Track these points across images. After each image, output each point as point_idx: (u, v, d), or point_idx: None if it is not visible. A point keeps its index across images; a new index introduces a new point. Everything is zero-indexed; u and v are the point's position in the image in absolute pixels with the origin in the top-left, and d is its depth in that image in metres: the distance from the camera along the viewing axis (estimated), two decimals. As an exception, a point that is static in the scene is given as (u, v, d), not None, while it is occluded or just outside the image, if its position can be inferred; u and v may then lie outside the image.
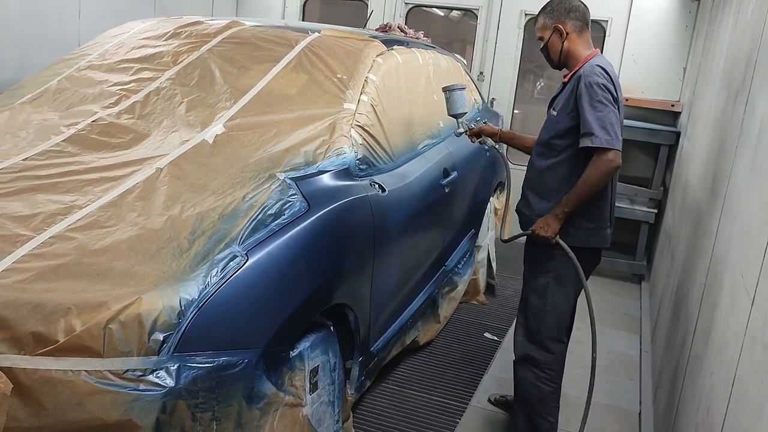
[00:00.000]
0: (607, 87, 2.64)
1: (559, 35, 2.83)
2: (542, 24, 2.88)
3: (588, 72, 2.68)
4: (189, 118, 2.75)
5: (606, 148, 2.58)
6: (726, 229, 2.36)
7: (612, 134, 2.59)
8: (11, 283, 1.75)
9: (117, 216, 2.08)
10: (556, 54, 2.87)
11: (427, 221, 3.42)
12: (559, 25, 2.82)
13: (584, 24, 2.85)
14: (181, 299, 1.76)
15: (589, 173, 2.62)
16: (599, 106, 2.61)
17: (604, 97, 2.62)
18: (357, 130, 2.76)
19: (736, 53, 3.00)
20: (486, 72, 6.24)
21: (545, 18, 2.87)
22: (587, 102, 2.62)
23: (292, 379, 2.10)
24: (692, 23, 5.60)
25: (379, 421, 3.15)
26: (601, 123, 2.59)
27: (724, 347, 2.01)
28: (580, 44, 2.84)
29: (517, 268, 5.25)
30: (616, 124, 2.62)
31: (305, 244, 2.20)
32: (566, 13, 2.82)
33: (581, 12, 2.84)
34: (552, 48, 2.87)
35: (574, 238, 2.74)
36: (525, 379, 2.85)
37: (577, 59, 2.82)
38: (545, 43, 2.88)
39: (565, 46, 2.83)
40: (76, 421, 1.59)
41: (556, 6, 2.85)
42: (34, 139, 2.62)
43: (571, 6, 2.83)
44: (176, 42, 3.27)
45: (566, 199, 2.68)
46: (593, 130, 2.58)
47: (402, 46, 3.60)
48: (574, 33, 2.82)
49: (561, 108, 2.79)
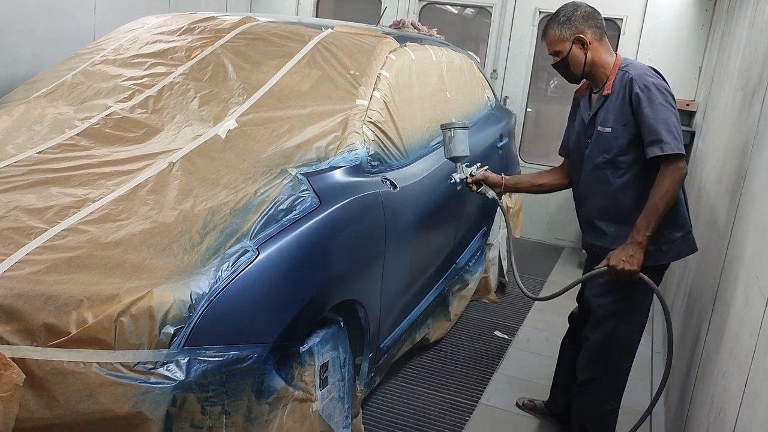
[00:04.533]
0: (665, 87, 2.46)
1: (581, 46, 2.57)
2: (557, 36, 2.60)
3: (639, 74, 2.47)
4: (202, 112, 2.76)
5: (677, 154, 2.36)
6: (740, 229, 2.34)
7: (680, 139, 2.38)
8: (24, 275, 1.77)
9: (129, 209, 2.09)
10: (579, 67, 2.60)
11: (438, 218, 3.41)
12: (579, 35, 2.57)
13: (602, 29, 2.62)
14: (192, 293, 1.77)
15: (665, 186, 2.36)
16: (662, 110, 2.39)
17: (665, 99, 2.43)
18: (369, 126, 2.76)
19: (753, 52, 2.97)
20: (499, 70, 6.21)
21: (560, 29, 2.59)
22: (647, 106, 2.41)
23: (302, 375, 2.10)
24: (708, 22, 5.55)
25: (389, 418, 3.15)
26: (667, 127, 2.37)
27: (737, 348, 1.99)
28: (604, 51, 2.60)
29: (529, 267, 5.25)
30: (680, 128, 2.41)
31: (316, 240, 2.20)
32: (584, 21, 2.58)
33: (598, 16, 2.62)
34: (574, 61, 2.60)
35: (669, 255, 2.54)
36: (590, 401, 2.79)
37: (605, 69, 2.59)
38: (564, 57, 2.61)
39: (589, 57, 2.58)
40: (87, 413, 1.60)
41: (571, 14, 2.59)
42: (48, 132, 2.64)
43: (586, 12, 2.59)
44: (190, 37, 3.28)
45: (644, 221, 2.39)
46: (661, 135, 2.36)
47: (415, 42, 3.59)
48: (596, 41, 2.58)
49: (615, 122, 2.53)
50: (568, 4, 2.66)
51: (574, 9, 2.60)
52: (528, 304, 4.74)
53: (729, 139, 3.14)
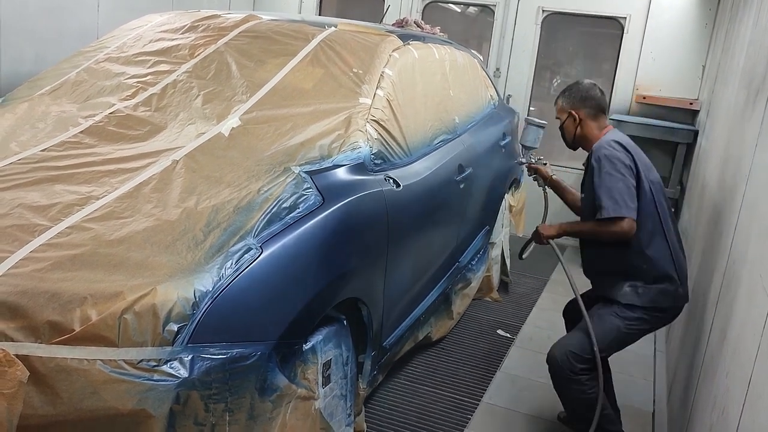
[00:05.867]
0: (615, 156, 2.72)
1: (573, 120, 2.96)
2: (560, 106, 3.02)
3: (597, 147, 2.81)
4: (205, 110, 2.76)
5: (614, 217, 2.65)
6: (744, 228, 2.33)
7: (621, 202, 2.65)
8: (29, 272, 1.77)
9: (133, 207, 2.09)
10: (570, 137, 3.01)
11: (441, 217, 3.41)
12: (573, 112, 2.95)
13: (599, 111, 2.96)
14: (196, 291, 1.77)
15: (596, 227, 2.73)
16: (606, 178, 2.69)
17: (613, 168, 2.70)
18: (372, 124, 2.76)
19: (757, 51, 2.96)
20: (502, 68, 6.21)
21: (563, 101, 3.01)
22: (597, 176, 2.73)
23: (305, 372, 2.11)
24: (712, 20, 5.54)
25: (391, 416, 3.15)
26: (609, 193, 2.67)
27: (740, 348, 1.99)
28: (595, 128, 2.95)
29: (531, 266, 5.24)
30: (627, 192, 2.67)
31: (319, 238, 2.20)
32: (581, 101, 2.95)
33: (597, 100, 2.96)
34: (566, 130, 3.01)
35: (643, 298, 2.76)
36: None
37: (591, 141, 2.93)
38: (561, 124, 3.02)
39: (578, 131, 2.96)
40: (91, 410, 1.61)
41: (574, 92, 2.98)
42: (52, 130, 2.64)
43: (587, 95, 2.95)
44: (193, 35, 3.28)
45: (567, 225, 2.94)
46: (602, 201, 2.68)
47: (418, 41, 3.59)
48: (588, 119, 2.95)
49: (587, 189, 2.89)
50: (580, 82, 3.04)
51: (579, 89, 2.99)
52: (530, 303, 4.74)
53: (732, 138, 3.13)
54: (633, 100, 5.83)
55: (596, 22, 6.07)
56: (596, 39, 6.35)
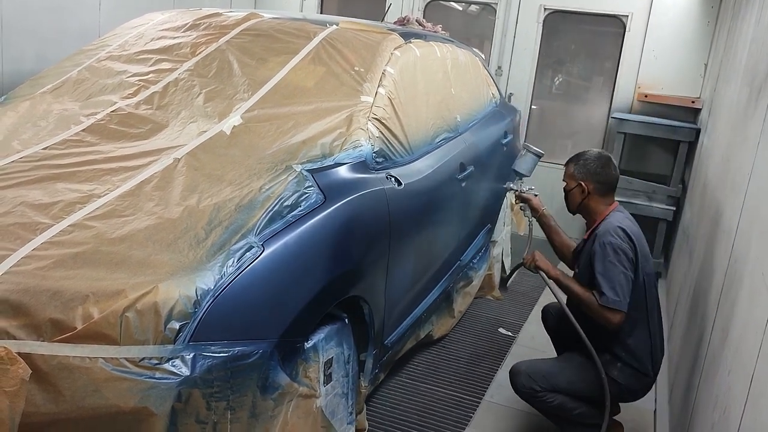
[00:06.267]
0: (621, 248, 2.72)
1: (581, 191, 2.91)
2: (570, 172, 2.95)
3: (603, 232, 2.77)
4: (207, 109, 2.76)
5: (612, 308, 2.67)
6: (746, 226, 2.33)
7: (620, 295, 2.67)
8: (31, 270, 1.77)
9: (135, 205, 2.09)
10: (574, 205, 2.98)
11: (442, 216, 3.41)
12: (583, 183, 2.89)
13: (610, 188, 2.92)
14: (197, 289, 1.77)
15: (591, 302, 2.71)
16: (610, 267, 2.70)
17: (617, 259, 2.70)
18: (374, 122, 2.76)
19: (759, 49, 2.96)
20: (504, 67, 6.20)
21: (575, 169, 2.93)
22: (600, 261, 2.72)
23: (307, 371, 2.11)
24: (714, 18, 5.53)
25: (393, 414, 3.16)
26: (611, 283, 2.68)
27: (742, 346, 1.98)
28: (601, 202, 2.91)
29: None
30: (626, 286, 2.69)
31: (321, 236, 2.20)
32: (594, 176, 2.88)
33: (609, 178, 2.90)
34: (572, 198, 2.97)
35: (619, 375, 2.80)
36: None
37: (594, 215, 2.91)
38: (568, 191, 2.97)
39: (585, 202, 2.92)
40: (93, 408, 1.61)
41: (589, 163, 2.90)
42: (54, 128, 2.64)
43: (601, 171, 2.88)
44: (195, 33, 3.28)
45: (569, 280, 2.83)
46: (603, 288, 2.68)
47: (420, 39, 3.59)
48: (597, 194, 2.90)
49: (583, 264, 2.89)
50: (595, 153, 2.96)
51: (593, 161, 2.91)
52: (532, 301, 4.74)
53: (734, 136, 3.13)
54: (635, 98, 5.82)
55: (598, 20, 6.06)
56: (598, 37, 6.34)
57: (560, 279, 2.84)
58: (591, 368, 2.80)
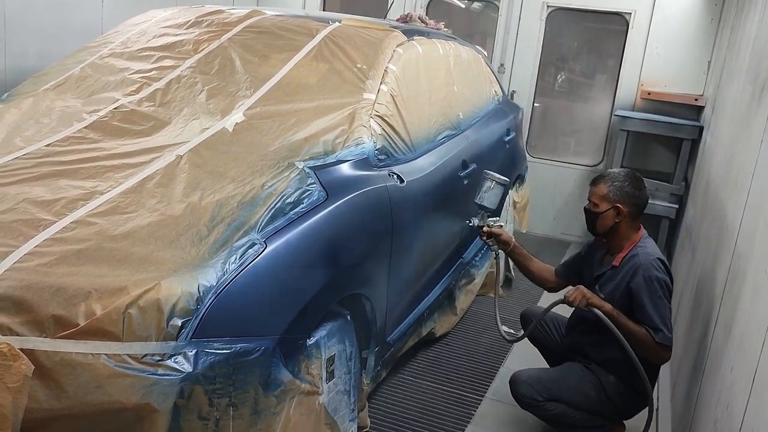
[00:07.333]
0: (666, 282, 2.68)
1: (616, 214, 2.78)
2: (604, 193, 2.80)
3: (647, 265, 2.69)
4: (209, 106, 2.76)
5: (667, 345, 2.65)
6: (749, 223, 2.32)
7: (670, 332, 2.65)
8: (33, 267, 1.78)
9: (137, 202, 2.09)
10: (605, 229, 2.82)
11: (445, 213, 3.41)
12: (619, 205, 2.77)
13: (641, 209, 2.84)
14: (200, 285, 1.77)
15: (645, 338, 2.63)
16: (659, 303, 2.65)
17: (664, 294, 2.66)
18: (376, 120, 2.76)
19: (762, 46, 2.95)
20: (507, 64, 6.19)
21: (608, 189, 2.79)
22: (648, 296, 2.65)
23: (309, 368, 2.11)
24: (718, 16, 5.51)
25: (395, 412, 3.16)
26: (663, 320, 2.64)
27: (745, 342, 1.98)
28: (632, 227, 2.83)
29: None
30: (670, 321, 2.67)
31: (323, 233, 2.20)
32: (631, 198, 2.78)
33: (644, 199, 2.83)
34: (604, 221, 2.81)
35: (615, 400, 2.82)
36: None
37: (623, 241, 2.82)
38: (598, 213, 2.81)
39: (618, 226, 2.80)
40: (95, 404, 1.61)
41: (626, 185, 2.79)
42: (56, 125, 2.65)
43: (639, 194, 2.80)
44: (197, 31, 3.28)
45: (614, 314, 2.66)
46: (659, 325, 2.63)
47: (422, 36, 3.59)
48: (630, 218, 2.80)
49: (611, 292, 2.77)
50: (627, 173, 2.86)
51: (629, 182, 2.80)
52: (534, 299, 4.73)
53: (738, 134, 3.12)
54: (638, 95, 5.81)
55: (601, 18, 6.05)
56: (601, 35, 6.33)
57: (613, 314, 2.67)
58: (591, 379, 2.81)
